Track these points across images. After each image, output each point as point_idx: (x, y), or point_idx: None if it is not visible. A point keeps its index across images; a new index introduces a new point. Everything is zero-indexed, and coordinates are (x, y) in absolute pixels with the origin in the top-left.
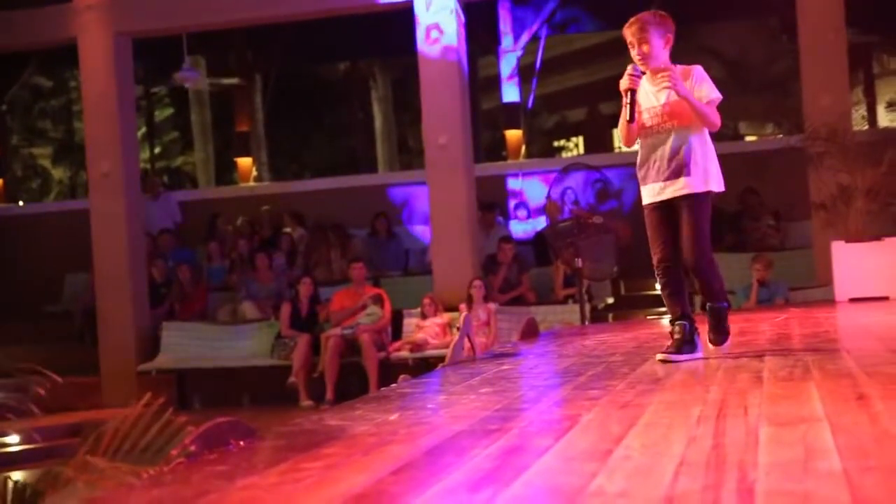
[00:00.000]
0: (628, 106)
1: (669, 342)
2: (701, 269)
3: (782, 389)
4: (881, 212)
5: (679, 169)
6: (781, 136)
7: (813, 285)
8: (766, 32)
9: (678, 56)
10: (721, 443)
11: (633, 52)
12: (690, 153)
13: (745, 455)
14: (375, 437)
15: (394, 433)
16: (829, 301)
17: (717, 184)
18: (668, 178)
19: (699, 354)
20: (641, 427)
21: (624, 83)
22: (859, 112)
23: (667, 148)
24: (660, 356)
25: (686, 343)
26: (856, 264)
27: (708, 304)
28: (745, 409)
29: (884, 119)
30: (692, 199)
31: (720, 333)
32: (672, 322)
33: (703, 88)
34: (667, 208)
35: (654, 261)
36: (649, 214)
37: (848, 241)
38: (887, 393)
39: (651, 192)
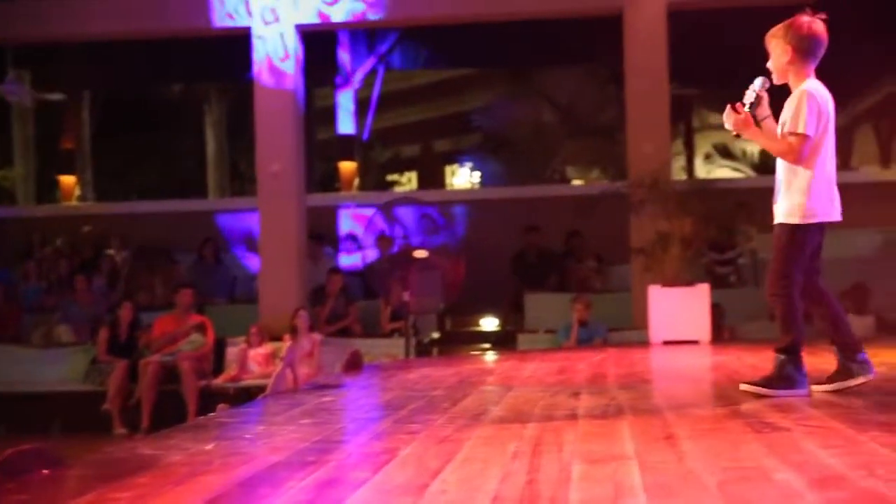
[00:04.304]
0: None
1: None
2: (771, 302)
3: (596, 428)
4: (695, 259)
5: (777, 195)
6: (607, 181)
7: (630, 327)
8: (597, 80)
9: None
10: (535, 479)
11: None
12: (781, 182)
13: (557, 491)
14: (188, 468)
15: (208, 463)
16: (645, 343)
17: (802, 217)
18: (774, 203)
19: (796, 392)
20: (458, 462)
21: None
22: (679, 163)
23: (776, 173)
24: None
25: (777, 379)
26: (670, 308)
27: None
28: (559, 446)
29: (701, 170)
30: (777, 230)
31: (764, 380)
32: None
33: (788, 117)
34: None
35: None
36: None
37: (664, 285)
38: (694, 433)
39: None
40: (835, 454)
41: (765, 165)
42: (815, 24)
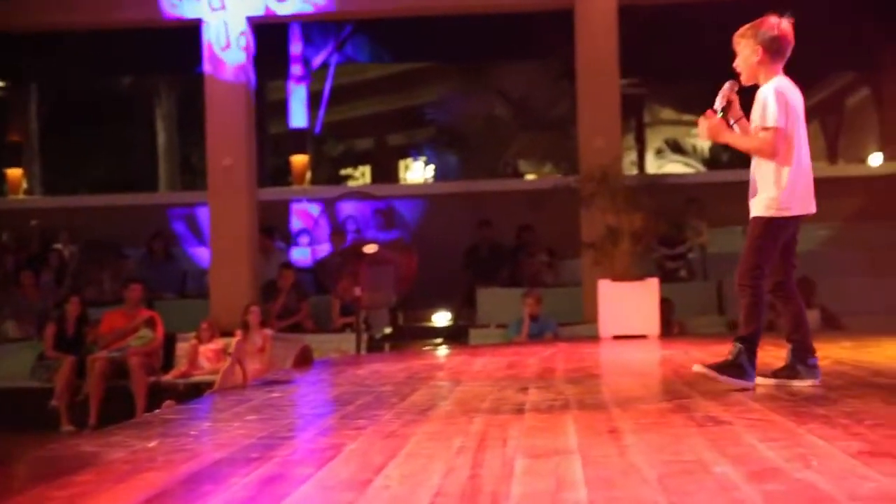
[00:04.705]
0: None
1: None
2: (739, 292)
3: (542, 422)
4: (645, 254)
5: (751, 191)
6: (560, 175)
7: (581, 322)
8: (549, 75)
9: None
10: (478, 473)
11: None
12: (754, 177)
13: (499, 486)
14: (131, 465)
15: (151, 460)
16: (594, 337)
17: (778, 210)
18: (750, 198)
19: (744, 382)
20: (403, 457)
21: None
22: (630, 158)
23: (751, 169)
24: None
25: (731, 366)
26: (619, 303)
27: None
28: (504, 440)
29: (652, 165)
30: (752, 223)
31: (718, 365)
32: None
33: (757, 115)
34: None
35: None
36: None
37: (614, 280)
38: (638, 427)
39: None
40: (773, 447)
41: (715, 161)
42: (784, 24)
